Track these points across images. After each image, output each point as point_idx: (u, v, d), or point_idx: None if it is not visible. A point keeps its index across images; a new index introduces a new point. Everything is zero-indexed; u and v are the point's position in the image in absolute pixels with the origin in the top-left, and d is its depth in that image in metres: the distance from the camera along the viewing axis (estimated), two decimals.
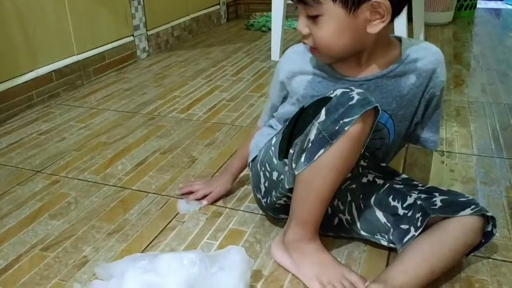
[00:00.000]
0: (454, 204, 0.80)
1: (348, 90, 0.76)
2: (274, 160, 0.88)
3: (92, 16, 2.00)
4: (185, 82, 1.99)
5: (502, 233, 0.95)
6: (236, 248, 0.82)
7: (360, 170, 0.90)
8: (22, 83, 1.69)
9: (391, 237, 0.84)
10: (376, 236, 0.87)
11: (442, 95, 0.88)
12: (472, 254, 0.83)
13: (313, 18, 0.77)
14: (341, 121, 0.73)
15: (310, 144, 0.76)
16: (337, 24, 0.76)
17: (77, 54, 1.94)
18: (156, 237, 0.97)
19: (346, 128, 0.73)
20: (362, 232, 0.88)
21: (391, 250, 0.90)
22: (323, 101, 0.77)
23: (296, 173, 0.79)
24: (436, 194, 0.83)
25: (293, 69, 0.87)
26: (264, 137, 0.96)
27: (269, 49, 2.31)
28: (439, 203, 0.81)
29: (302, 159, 0.77)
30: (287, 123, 0.84)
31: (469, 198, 0.83)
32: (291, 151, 0.81)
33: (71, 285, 0.84)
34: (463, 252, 0.81)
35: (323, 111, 0.76)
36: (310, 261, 0.83)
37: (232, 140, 1.42)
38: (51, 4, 1.79)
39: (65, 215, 1.06)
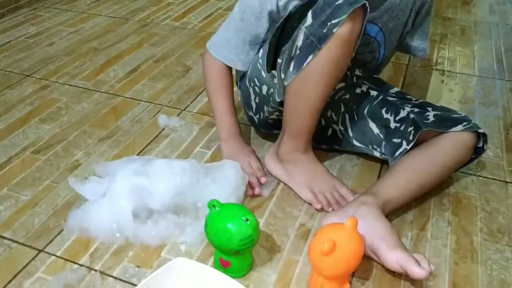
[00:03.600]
0: (447, 120, 0.79)
1: None
2: (263, 73, 0.84)
3: None
4: None
5: (496, 153, 0.95)
6: (231, 162, 0.82)
7: (355, 80, 0.87)
8: None
9: (383, 150, 0.84)
10: (369, 147, 0.87)
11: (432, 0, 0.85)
12: (460, 169, 0.84)
13: None
14: (329, 23, 0.69)
15: (298, 51, 0.72)
16: None
17: None
18: (148, 144, 0.96)
19: (334, 30, 0.68)
20: (355, 142, 0.88)
21: (382, 164, 0.90)
22: (308, 4, 0.72)
23: (285, 84, 0.76)
24: (429, 109, 0.81)
25: None
26: None
27: None
28: (431, 118, 0.79)
29: (291, 68, 0.74)
30: (274, 31, 0.79)
31: (462, 115, 0.82)
32: (279, 60, 0.77)
33: (63, 186, 0.84)
34: (453, 168, 0.81)
35: (309, 14, 0.71)
36: (302, 171, 0.83)
37: None
38: None
39: (56, 120, 1.04)
